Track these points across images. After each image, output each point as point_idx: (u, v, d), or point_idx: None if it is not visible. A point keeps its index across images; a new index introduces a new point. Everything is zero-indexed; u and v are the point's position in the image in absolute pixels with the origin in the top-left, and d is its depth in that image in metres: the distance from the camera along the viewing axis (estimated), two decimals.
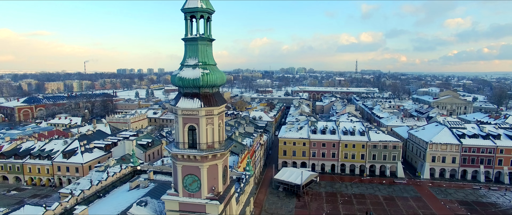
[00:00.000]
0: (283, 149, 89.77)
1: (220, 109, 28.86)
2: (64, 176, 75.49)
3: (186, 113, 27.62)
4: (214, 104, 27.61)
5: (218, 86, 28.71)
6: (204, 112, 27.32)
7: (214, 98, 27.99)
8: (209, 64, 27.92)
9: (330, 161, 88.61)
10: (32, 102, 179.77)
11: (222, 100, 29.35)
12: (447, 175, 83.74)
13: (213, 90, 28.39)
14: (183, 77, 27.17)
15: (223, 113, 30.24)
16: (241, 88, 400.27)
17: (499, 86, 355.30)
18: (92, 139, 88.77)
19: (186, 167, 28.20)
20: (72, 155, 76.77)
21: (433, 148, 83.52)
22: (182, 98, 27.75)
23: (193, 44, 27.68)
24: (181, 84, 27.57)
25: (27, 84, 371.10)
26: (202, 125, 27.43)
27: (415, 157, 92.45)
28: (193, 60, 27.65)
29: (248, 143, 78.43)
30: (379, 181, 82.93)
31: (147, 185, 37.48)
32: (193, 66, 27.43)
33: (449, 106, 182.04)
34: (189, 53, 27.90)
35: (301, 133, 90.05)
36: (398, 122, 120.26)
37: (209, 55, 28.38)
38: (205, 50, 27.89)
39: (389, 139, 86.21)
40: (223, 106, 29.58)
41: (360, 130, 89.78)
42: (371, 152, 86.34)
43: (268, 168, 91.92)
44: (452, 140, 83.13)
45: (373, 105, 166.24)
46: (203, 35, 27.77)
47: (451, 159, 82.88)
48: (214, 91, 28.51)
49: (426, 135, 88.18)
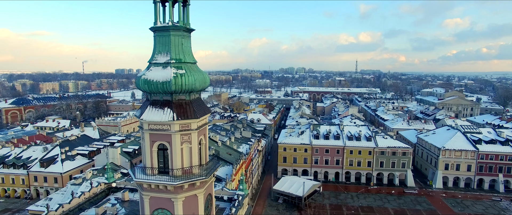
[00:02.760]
0: (283, 155, 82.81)
1: (201, 121, 21.92)
2: (42, 187, 68.41)
3: (154, 127, 20.69)
4: (191, 116, 20.66)
5: (197, 91, 21.77)
6: (177, 126, 20.37)
7: (192, 107, 21.03)
8: (186, 62, 20.97)
9: (334, 169, 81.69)
10: (20, 104, 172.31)
11: (204, 110, 22.40)
12: (461, 184, 76.89)
13: (191, 97, 21.43)
14: (150, 79, 20.23)
15: (206, 127, 23.27)
16: (240, 89, 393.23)
17: (502, 86, 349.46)
18: (76, 144, 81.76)
19: (156, 200, 21.24)
20: (51, 163, 69.69)
21: (446, 155, 76.65)
22: (149, 108, 20.80)
23: (163, 35, 20.73)
24: (147, 89, 20.64)
25: (22, 84, 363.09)
26: (176, 143, 20.48)
27: (425, 164, 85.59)
28: (164, 56, 20.69)
29: (244, 150, 71.56)
30: (388, 191, 76.04)
31: (116, 212, 30.45)
32: (164, 65, 20.48)
33: (454, 107, 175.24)
34: (159, 48, 20.95)
35: (303, 138, 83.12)
36: (404, 125, 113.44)
37: (186, 50, 21.43)
38: (180, 44, 20.94)
39: (398, 145, 79.31)
40: (205, 118, 22.66)
41: (366, 134, 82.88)
42: (378, 158, 79.47)
43: (267, 176, 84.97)
44: (467, 145, 76.24)
45: (376, 106, 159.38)
46: (177, 24, 20.81)
47: (466, 167, 76.03)
48: (192, 98, 21.56)
49: (437, 140, 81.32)
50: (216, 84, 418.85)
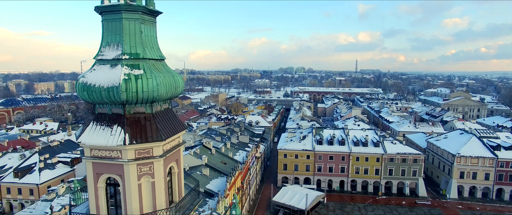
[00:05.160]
0: (283, 162, 76.26)
1: (170, 143, 15.34)
2: (16, 199, 61.66)
3: (99, 155, 14.12)
4: (154, 138, 14.07)
5: (163, 100, 15.19)
6: (132, 152, 13.81)
7: (156, 124, 14.43)
8: (146, 58, 14.38)
9: (338, 177, 75.19)
10: (9, 105, 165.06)
11: (175, 127, 15.80)
12: (478, 194, 70.45)
13: (155, 109, 14.84)
14: (90, 84, 13.67)
15: (180, 149, 16.64)
16: (239, 89, 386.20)
17: (504, 86, 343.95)
18: (58, 151, 75.07)
19: None
20: (27, 173, 62.94)
21: (461, 162, 70.23)
22: (92, 126, 14.21)
23: (113, 19, 14.13)
24: (87, 98, 14.05)
25: (16, 85, 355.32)
26: (130, 177, 13.91)
27: (437, 171, 79.19)
28: (113, 50, 14.12)
29: (241, 158, 65.03)
30: (398, 201, 69.60)
31: None
32: (112, 63, 13.92)
33: (460, 108, 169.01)
34: (107, 38, 14.37)
35: (305, 144, 76.56)
36: (411, 127, 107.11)
37: (148, 41, 14.85)
38: (138, 32, 14.34)
39: (408, 151, 72.85)
40: (177, 137, 16.08)
41: (374, 139, 76.42)
42: (387, 166, 73.01)
43: (266, 185, 78.44)
44: (484, 152, 69.81)
45: (380, 107, 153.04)
46: (133, 2, 14.19)
47: (483, 175, 69.59)
48: (156, 110, 14.97)
49: (451, 146, 74.88)
50: (214, 84, 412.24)
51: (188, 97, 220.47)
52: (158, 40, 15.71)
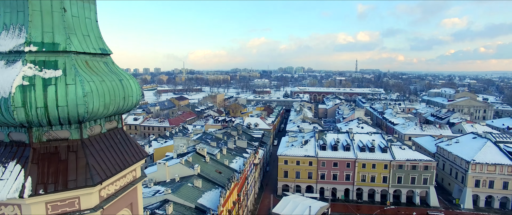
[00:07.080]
0: (283, 169, 70.76)
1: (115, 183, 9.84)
2: None
3: None
4: (80, 182, 8.57)
5: (104, 118, 9.68)
6: (40, 206, 8.31)
7: (85, 157, 8.93)
8: (70, 52, 8.87)
9: (343, 185, 69.71)
10: None
11: (125, 156, 10.30)
12: (495, 204, 65.00)
13: (86, 133, 9.33)
14: None
15: (136, 187, 11.12)
16: (238, 89, 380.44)
17: (506, 86, 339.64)
18: None
19: None
20: None
21: (476, 169, 64.82)
22: None
23: None
24: None
25: None
26: None
27: (448, 178, 73.80)
28: (12, 37, 8.62)
29: (238, 166, 59.51)
30: (408, 212, 64.14)
31: None
32: (9, 58, 8.43)
33: (466, 109, 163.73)
34: (4, 17, 8.85)
35: (307, 149, 71.08)
36: (417, 130, 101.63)
37: (76, 25, 9.35)
38: (57, 9, 8.83)
39: (418, 157, 67.39)
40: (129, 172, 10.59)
41: (381, 144, 71.01)
42: (395, 173, 67.57)
43: (265, 193, 72.92)
44: (502, 158, 64.39)
45: (383, 109, 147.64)
46: None
47: (501, 184, 64.15)
48: (90, 134, 9.46)
49: (464, 151, 69.46)
50: (213, 84, 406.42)
51: (185, 98, 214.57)
52: (99, 25, 10.24)
